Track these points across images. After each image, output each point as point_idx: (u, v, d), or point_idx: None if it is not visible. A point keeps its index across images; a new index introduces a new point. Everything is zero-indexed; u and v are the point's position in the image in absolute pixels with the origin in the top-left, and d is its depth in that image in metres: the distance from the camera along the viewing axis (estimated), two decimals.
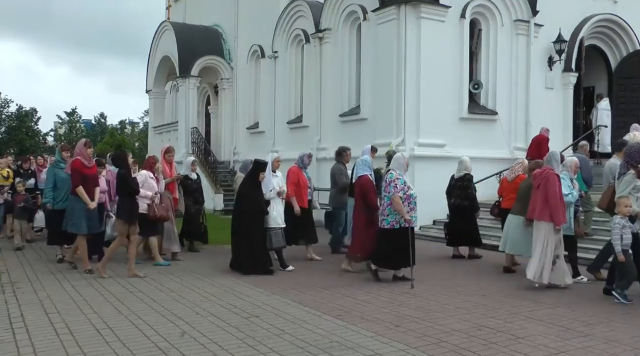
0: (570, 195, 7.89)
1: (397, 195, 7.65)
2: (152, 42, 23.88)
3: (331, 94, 15.97)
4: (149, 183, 9.08)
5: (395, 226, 7.74)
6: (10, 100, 53.11)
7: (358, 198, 8.45)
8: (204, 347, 4.99)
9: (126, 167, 8.40)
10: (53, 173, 9.17)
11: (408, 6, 13.35)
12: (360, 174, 8.48)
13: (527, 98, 14.89)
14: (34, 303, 6.51)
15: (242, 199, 8.61)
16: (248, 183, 8.66)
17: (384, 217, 7.84)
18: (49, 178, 9.26)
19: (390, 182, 7.79)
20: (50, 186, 9.10)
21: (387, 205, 7.78)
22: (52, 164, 9.64)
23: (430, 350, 4.95)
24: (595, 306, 6.57)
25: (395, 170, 7.92)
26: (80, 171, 8.35)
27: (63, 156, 9.29)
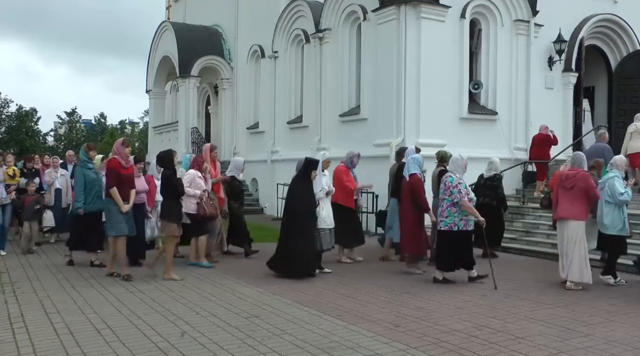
0: (626, 194, 7.77)
1: (465, 199, 7.60)
2: (152, 42, 23.87)
3: (331, 94, 15.97)
4: (197, 182, 8.85)
5: (453, 228, 7.67)
6: (10, 100, 53.13)
7: (408, 198, 8.43)
8: (204, 347, 4.99)
9: (172, 168, 8.18)
10: (83, 173, 8.68)
11: (408, 6, 13.34)
12: (411, 172, 8.48)
13: (527, 98, 14.88)
14: (34, 303, 6.51)
15: (294, 198, 8.32)
16: (299, 182, 8.38)
17: (442, 219, 7.76)
18: (78, 179, 8.73)
19: (451, 186, 7.68)
20: (81, 188, 8.61)
21: (447, 207, 7.69)
22: (78, 164, 9.09)
23: (430, 350, 4.95)
24: (595, 306, 6.57)
25: (454, 173, 7.84)
26: (116, 171, 7.91)
27: (90, 155, 8.91)
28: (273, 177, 17.60)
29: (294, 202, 8.26)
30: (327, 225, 8.56)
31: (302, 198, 8.19)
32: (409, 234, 8.41)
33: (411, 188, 8.35)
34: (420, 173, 8.55)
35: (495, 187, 10.08)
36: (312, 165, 8.41)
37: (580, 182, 7.59)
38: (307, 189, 8.27)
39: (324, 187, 8.68)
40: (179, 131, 21.77)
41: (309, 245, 8.13)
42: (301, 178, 8.37)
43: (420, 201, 8.34)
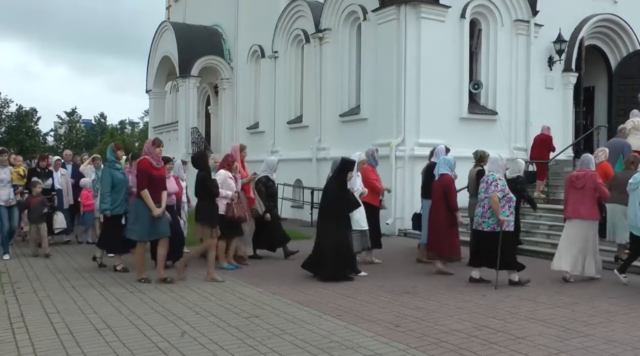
0: None
1: (496, 193, 7.54)
2: (152, 42, 23.88)
3: (331, 94, 15.97)
4: (228, 183, 8.65)
5: (496, 229, 7.62)
6: (10, 100, 53.20)
7: (439, 198, 8.43)
8: (204, 347, 4.99)
9: (207, 169, 7.99)
10: (110, 174, 8.41)
11: (408, 6, 13.35)
12: (442, 172, 8.49)
13: (527, 98, 14.89)
14: (34, 303, 6.51)
15: (330, 199, 8.12)
16: (335, 183, 8.17)
17: (484, 219, 7.70)
18: (106, 179, 8.45)
19: (491, 183, 7.67)
20: (108, 189, 8.34)
21: (489, 208, 7.65)
22: (105, 164, 8.77)
23: (430, 350, 4.95)
24: (595, 306, 6.57)
25: (496, 172, 7.82)
26: (147, 172, 7.57)
27: (117, 155, 8.62)
28: None
29: (330, 204, 8.07)
30: (360, 227, 8.40)
31: (338, 200, 8.02)
32: (442, 234, 8.40)
33: (443, 188, 8.38)
34: (452, 173, 8.57)
35: (519, 189, 9.67)
36: (350, 166, 8.24)
37: (589, 182, 7.86)
38: (343, 190, 8.10)
39: (358, 188, 8.53)
40: (179, 131, 21.78)
41: (345, 247, 7.97)
42: (337, 179, 8.17)
43: (450, 201, 8.38)
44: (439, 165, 8.66)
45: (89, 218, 11.33)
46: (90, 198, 11.21)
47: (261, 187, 9.77)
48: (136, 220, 7.66)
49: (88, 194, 11.27)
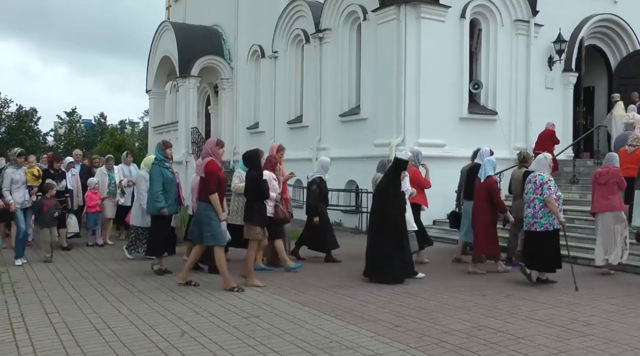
0: None
1: (552, 196, 7.57)
2: (152, 42, 23.88)
3: (331, 94, 15.97)
4: (272, 184, 8.45)
5: (549, 228, 7.63)
6: (10, 100, 53.16)
7: (484, 199, 8.49)
8: (204, 347, 4.99)
9: (258, 169, 7.79)
10: (160, 172, 8.19)
11: (408, 6, 13.35)
12: (488, 174, 8.54)
13: (527, 98, 14.89)
14: (34, 303, 6.51)
15: (384, 200, 7.88)
16: (389, 184, 7.97)
17: (536, 220, 7.68)
18: (156, 179, 8.17)
19: (541, 184, 7.66)
20: (160, 188, 8.12)
21: (540, 208, 7.64)
22: (154, 162, 8.45)
23: (430, 350, 4.95)
24: (595, 306, 6.57)
25: (543, 172, 7.82)
26: (216, 174, 7.28)
27: (166, 153, 8.38)
28: None
29: (385, 205, 7.83)
30: (411, 228, 8.25)
31: (393, 200, 7.84)
32: (485, 235, 8.48)
33: (488, 189, 8.46)
34: (496, 175, 8.66)
35: None
36: (403, 165, 8.06)
37: (612, 178, 8.38)
38: (397, 191, 7.93)
39: (407, 188, 8.39)
40: (179, 131, 21.78)
41: (403, 248, 7.81)
42: (391, 179, 7.99)
43: (498, 202, 8.49)
44: (485, 167, 8.69)
45: (93, 219, 11.24)
46: (94, 199, 11.14)
47: (315, 188, 9.50)
48: (210, 225, 7.23)
49: (92, 195, 11.16)
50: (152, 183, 8.30)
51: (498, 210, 8.62)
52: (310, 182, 9.67)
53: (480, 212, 8.55)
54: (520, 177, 8.90)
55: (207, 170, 7.24)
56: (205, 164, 7.27)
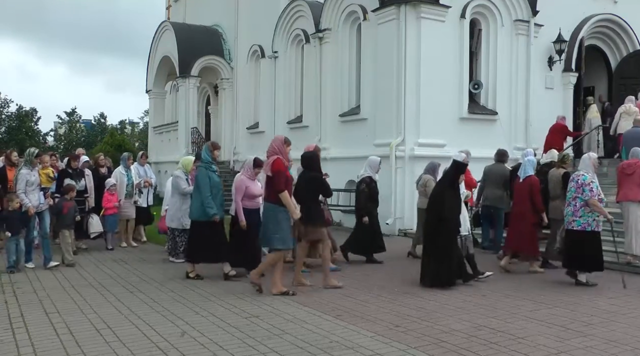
0: None
1: (594, 197, 7.59)
2: (152, 42, 23.88)
3: (331, 94, 15.96)
4: None
5: (586, 228, 7.63)
6: (10, 100, 53.11)
7: (525, 199, 8.52)
8: (204, 347, 4.99)
9: (318, 169, 7.67)
10: (207, 175, 7.87)
11: (408, 6, 13.34)
12: (529, 174, 8.58)
13: (527, 98, 14.88)
14: (34, 303, 6.52)
15: (442, 204, 7.62)
16: (448, 187, 7.75)
17: (575, 218, 7.70)
18: (204, 182, 7.85)
19: (583, 184, 7.67)
20: (209, 192, 7.80)
21: (580, 207, 7.66)
22: (200, 165, 8.14)
23: (430, 350, 4.95)
24: (595, 306, 6.57)
25: (587, 172, 7.82)
26: (285, 173, 7.05)
27: (214, 155, 8.10)
28: None
29: (442, 208, 7.61)
30: (465, 231, 8.01)
31: (452, 203, 7.64)
32: (528, 234, 8.50)
33: (530, 188, 8.50)
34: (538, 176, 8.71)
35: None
36: (463, 168, 7.93)
37: (639, 169, 8.69)
38: (456, 194, 7.75)
39: (463, 191, 8.20)
40: (179, 131, 21.79)
41: (456, 252, 7.61)
42: (450, 182, 7.78)
43: (537, 202, 8.53)
44: (525, 166, 8.74)
45: (111, 222, 10.83)
46: (112, 201, 10.74)
47: (364, 188, 9.25)
48: (278, 226, 6.94)
49: (110, 197, 10.76)
50: (201, 187, 7.87)
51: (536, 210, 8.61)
52: (359, 182, 9.43)
53: (522, 211, 8.58)
54: (560, 177, 8.92)
55: (274, 169, 6.93)
56: (272, 162, 6.96)
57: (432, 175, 9.81)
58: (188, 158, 9.58)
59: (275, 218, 6.93)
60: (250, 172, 8.04)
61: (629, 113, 12.55)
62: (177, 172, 9.36)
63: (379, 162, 9.63)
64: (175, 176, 9.36)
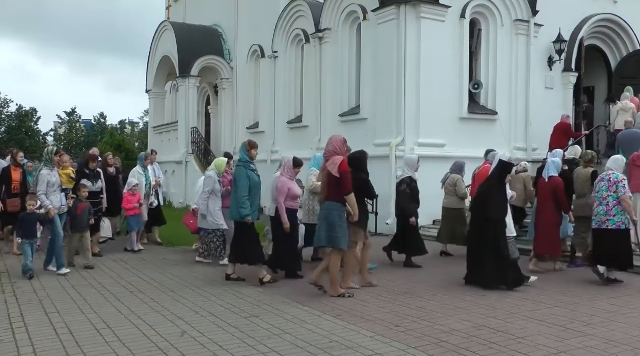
0: None
1: (627, 195, 7.63)
2: (152, 42, 23.89)
3: (331, 94, 15.97)
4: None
5: (621, 227, 7.66)
6: (10, 100, 53.16)
7: (548, 199, 8.56)
8: (204, 347, 4.99)
9: (365, 170, 7.64)
10: (246, 175, 7.59)
11: (408, 6, 13.35)
12: (552, 175, 8.61)
13: (527, 98, 14.89)
14: (34, 303, 6.51)
15: (489, 205, 7.49)
16: (495, 187, 7.60)
17: (609, 217, 7.70)
18: (243, 181, 7.56)
19: (616, 182, 7.71)
20: (246, 193, 7.54)
21: (614, 205, 7.69)
22: (238, 164, 7.84)
23: (430, 350, 4.95)
24: (595, 306, 6.57)
25: (618, 172, 7.85)
26: (350, 174, 6.95)
27: (252, 154, 7.83)
28: None
29: (488, 209, 7.48)
30: (512, 233, 7.90)
31: (499, 204, 7.52)
32: (549, 234, 8.58)
33: (553, 189, 8.54)
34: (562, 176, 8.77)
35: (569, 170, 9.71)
36: (510, 168, 7.88)
37: None
38: (503, 195, 7.63)
39: (509, 192, 8.07)
40: (179, 131, 21.79)
41: (502, 255, 7.44)
42: (496, 183, 7.63)
43: (563, 202, 8.59)
44: (549, 167, 8.79)
45: (135, 223, 10.44)
46: (132, 201, 10.37)
47: (405, 188, 9.00)
48: (341, 227, 6.88)
49: (131, 197, 10.39)
50: (239, 187, 7.60)
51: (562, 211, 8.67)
52: (400, 182, 9.20)
53: (545, 212, 8.62)
54: (588, 176, 8.95)
55: (342, 170, 6.84)
56: (340, 163, 6.87)
57: (460, 174, 9.86)
58: (222, 160, 9.44)
59: (341, 218, 6.89)
60: (291, 173, 8.03)
61: (625, 109, 12.74)
62: (210, 173, 9.21)
63: (417, 160, 9.31)
64: (207, 177, 9.17)
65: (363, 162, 7.71)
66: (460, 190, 10.02)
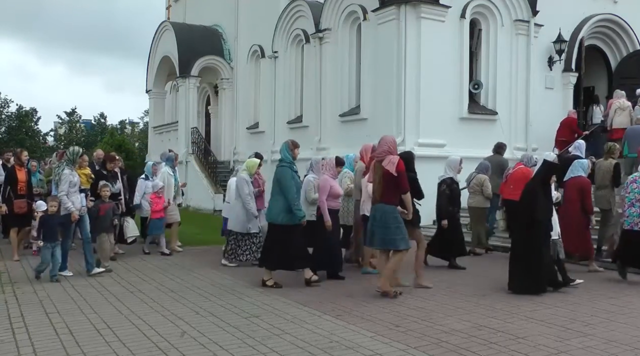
0: None
1: None
2: (152, 42, 23.89)
3: (331, 94, 15.97)
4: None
5: (634, 228, 7.71)
6: (10, 100, 53.13)
7: (575, 199, 8.50)
8: (204, 347, 4.99)
9: (413, 170, 7.60)
10: (292, 176, 7.37)
11: (408, 6, 13.35)
12: (577, 175, 8.55)
13: (527, 98, 14.90)
14: (34, 303, 6.51)
15: (534, 206, 7.24)
16: (539, 188, 7.37)
17: (624, 218, 7.77)
18: (289, 183, 7.31)
19: (632, 181, 7.74)
20: (296, 193, 7.37)
21: (629, 206, 7.73)
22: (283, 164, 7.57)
23: (430, 350, 4.95)
24: (595, 306, 6.57)
25: None
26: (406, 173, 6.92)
27: (295, 154, 7.56)
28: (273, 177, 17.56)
29: (533, 211, 7.22)
30: (556, 235, 7.67)
31: (544, 205, 7.29)
32: (578, 236, 8.48)
33: (580, 189, 8.50)
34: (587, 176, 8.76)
35: None
36: (554, 168, 7.68)
37: None
38: (548, 196, 7.42)
39: (554, 193, 7.88)
40: (179, 131, 21.79)
41: (548, 257, 7.30)
42: (541, 184, 7.41)
43: (587, 204, 8.53)
44: (575, 167, 8.64)
45: (159, 226, 10.18)
46: (159, 204, 10.13)
47: (445, 189, 8.80)
48: (400, 228, 6.83)
49: (157, 199, 10.15)
50: (287, 188, 7.28)
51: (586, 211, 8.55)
52: (440, 183, 9.01)
53: (573, 213, 8.52)
54: (611, 168, 8.94)
55: (399, 169, 6.79)
56: (398, 162, 6.83)
57: (486, 174, 9.90)
58: (253, 161, 9.23)
59: (396, 220, 6.82)
60: (332, 171, 8.01)
61: (622, 108, 12.82)
62: (243, 174, 8.98)
63: (459, 162, 9.08)
64: (240, 178, 8.93)
65: (411, 161, 7.73)
66: (487, 190, 10.10)
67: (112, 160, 10.17)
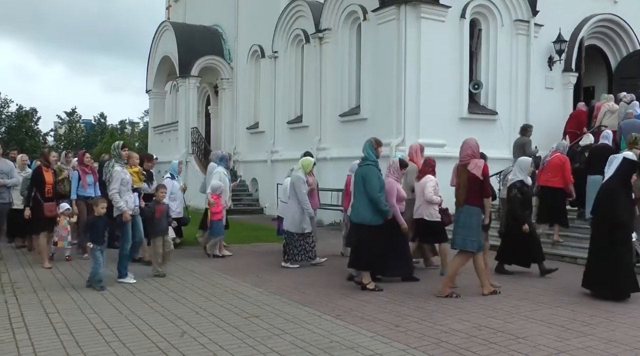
0: None
1: None
2: (152, 42, 23.91)
3: (331, 94, 15.98)
4: (438, 188, 8.20)
5: None
6: (10, 100, 53.19)
7: None
8: (204, 347, 4.99)
9: None
10: (377, 175, 7.17)
11: (408, 6, 13.35)
12: None
13: (527, 98, 14.90)
14: (34, 303, 6.51)
15: (615, 206, 6.95)
16: (620, 188, 7.06)
17: None
18: (375, 182, 7.10)
19: None
20: (381, 193, 7.15)
21: None
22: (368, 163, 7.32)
23: (430, 350, 4.95)
24: (595, 306, 6.57)
25: None
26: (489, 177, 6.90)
27: (378, 152, 7.40)
28: (273, 177, 17.60)
29: (617, 212, 6.93)
30: (636, 236, 7.44)
31: (625, 206, 7.02)
32: None
33: None
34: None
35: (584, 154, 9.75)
36: (636, 166, 7.29)
37: None
38: (629, 195, 7.12)
39: None
40: (179, 131, 21.80)
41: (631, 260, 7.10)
42: (622, 183, 7.10)
43: None
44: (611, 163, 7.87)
45: (220, 228, 9.88)
46: (219, 204, 9.82)
47: (516, 192, 8.35)
48: (477, 232, 6.89)
49: (218, 201, 9.85)
50: (373, 187, 7.10)
51: None
52: (510, 187, 8.54)
53: None
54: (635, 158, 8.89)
55: (484, 173, 6.80)
56: (484, 166, 6.84)
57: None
58: (308, 159, 9.16)
59: (479, 223, 6.90)
60: (397, 173, 7.99)
61: (612, 111, 13.01)
62: (299, 173, 8.82)
63: (530, 163, 8.65)
64: (297, 177, 8.78)
65: None
66: None
67: (150, 159, 9.87)
